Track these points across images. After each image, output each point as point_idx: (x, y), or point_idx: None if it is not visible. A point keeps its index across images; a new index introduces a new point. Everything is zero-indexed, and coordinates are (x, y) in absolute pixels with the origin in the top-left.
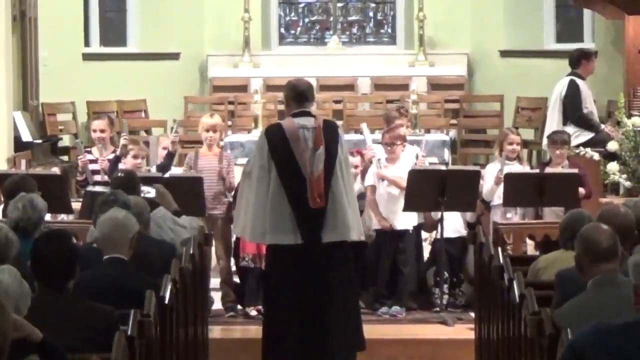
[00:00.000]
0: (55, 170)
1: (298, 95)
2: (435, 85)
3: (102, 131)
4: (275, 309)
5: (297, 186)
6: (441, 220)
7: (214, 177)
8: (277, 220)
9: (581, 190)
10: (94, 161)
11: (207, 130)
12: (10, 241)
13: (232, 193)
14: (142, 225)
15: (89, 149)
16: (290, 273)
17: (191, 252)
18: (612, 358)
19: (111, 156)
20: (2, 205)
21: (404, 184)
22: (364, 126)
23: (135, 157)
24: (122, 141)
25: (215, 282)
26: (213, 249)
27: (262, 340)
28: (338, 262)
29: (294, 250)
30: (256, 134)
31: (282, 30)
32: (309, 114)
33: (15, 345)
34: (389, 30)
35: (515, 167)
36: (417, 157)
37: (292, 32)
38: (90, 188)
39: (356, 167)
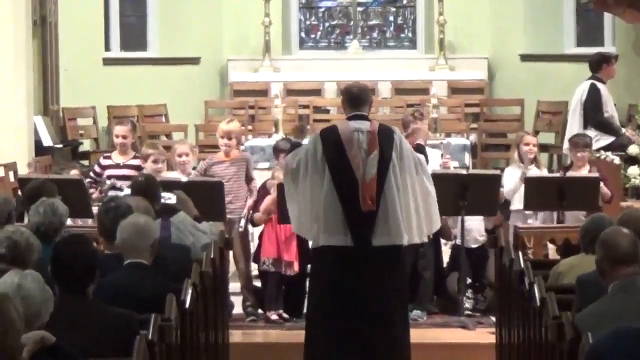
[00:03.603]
0: (75, 172)
1: (352, 98)
2: (455, 89)
3: (124, 137)
4: (321, 313)
5: (349, 188)
6: (462, 223)
7: (229, 184)
8: (329, 222)
9: (607, 191)
10: (114, 166)
11: (222, 137)
12: (31, 245)
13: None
14: None
15: (108, 155)
16: (338, 277)
17: (212, 256)
18: None
19: (132, 161)
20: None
21: None
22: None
23: (155, 161)
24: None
25: (235, 286)
26: (231, 253)
27: (305, 344)
28: (388, 268)
29: (344, 253)
30: (277, 138)
31: (303, 34)
32: (364, 117)
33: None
34: (409, 35)
35: (533, 172)
36: (442, 157)
37: (313, 36)
38: (111, 193)
39: None
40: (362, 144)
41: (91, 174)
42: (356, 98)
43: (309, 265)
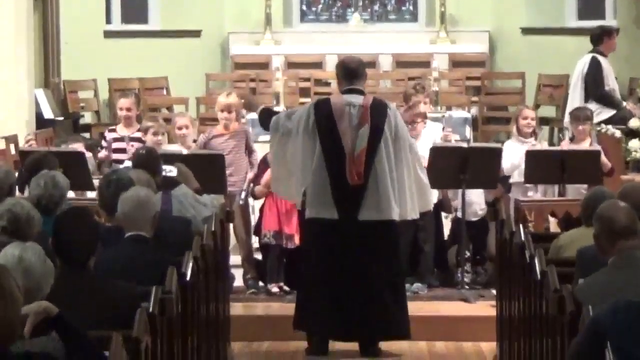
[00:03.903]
0: (79, 145)
1: (347, 72)
2: (456, 62)
3: (128, 110)
4: (310, 283)
5: (337, 162)
6: (462, 196)
7: (229, 157)
8: (317, 194)
9: (606, 161)
10: (119, 139)
11: (222, 111)
12: (32, 218)
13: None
14: None
15: (113, 128)
16: (325, 249)
17: (212, 229)
18: (632, 335)
19: (136, 134)
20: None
21: (424, 162)
22: None
23: (155, 134)
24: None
25: (236, 259)
26: (231, 226)
27: (296, 314)
28: (376, 242)
29: (330, 226)
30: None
31: (304, 7)
32: (359, 92)
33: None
34: (411, 8)
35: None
36: (443, 130)
37: (314, 9)
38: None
39: None
40: (353, 118)
41: (99, 148)
42: (351, 72)
43: None
